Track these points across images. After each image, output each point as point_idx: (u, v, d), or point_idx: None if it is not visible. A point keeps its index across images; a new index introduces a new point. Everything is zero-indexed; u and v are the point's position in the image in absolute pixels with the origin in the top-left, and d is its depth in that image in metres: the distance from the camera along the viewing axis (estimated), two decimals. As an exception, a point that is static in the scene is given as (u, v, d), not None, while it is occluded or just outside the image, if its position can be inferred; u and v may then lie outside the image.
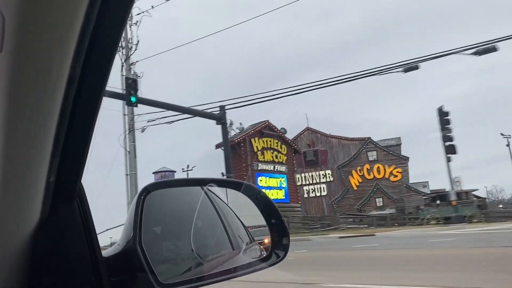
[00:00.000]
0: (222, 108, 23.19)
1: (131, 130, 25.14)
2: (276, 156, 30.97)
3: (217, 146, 30.65)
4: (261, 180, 29.56)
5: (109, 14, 0.55)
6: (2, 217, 0.62)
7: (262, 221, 1.15)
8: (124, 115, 25.35)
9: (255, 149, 29.70)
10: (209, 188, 1.21)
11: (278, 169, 30.91)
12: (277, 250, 1.12)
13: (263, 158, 30.07)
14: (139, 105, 25.51)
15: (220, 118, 23.19)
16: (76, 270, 0.74)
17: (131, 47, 24.85)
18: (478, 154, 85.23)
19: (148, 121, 24.88)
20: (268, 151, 30.52)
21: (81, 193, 0.78)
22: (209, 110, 23.87)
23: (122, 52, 24.60)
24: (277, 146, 31.19)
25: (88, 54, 0.56)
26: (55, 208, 0.73)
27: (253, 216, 1.18)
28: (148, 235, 0.89)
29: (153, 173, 44.23)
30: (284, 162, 31.46)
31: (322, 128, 45.26)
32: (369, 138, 43.60)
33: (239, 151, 29.81)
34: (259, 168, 29.72)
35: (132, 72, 24.43)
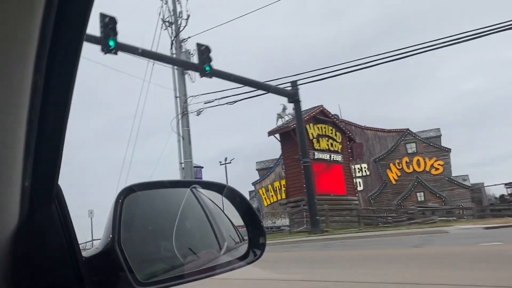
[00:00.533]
0: (294, 83, 20.20)
1: (185, 113, 21.98)
2: (332, 145, 28.16)
3: (270, 133, 27.71)
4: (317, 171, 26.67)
5: (66, 27, 0.57)
6: None
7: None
8: (176, 97, 22.17)
9: (311, 136, 26.82)
10: (199, 189, 1.24)
11: (334, 159, 28.09)
12: (254, 249, 1.17)
13: (319, 146, 27.22)
14: (192, 85, 22.54)
15: (293, 95, 20.24)
16: (56, 270, 0.76)
17: (181, 22, 21.65)
18: (494, 151, 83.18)
19: (205, 103, 21.77)
20: (323, 138, 27.68)
21: (59, 194, 0.79)
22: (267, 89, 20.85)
23: (172, 28, 21.41)
24: (331, 133, 28.39)
25: (49, 66, 0.59)
26: (33, 212, 0.73)
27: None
28: (132, 234, 0.91)
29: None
30: (339, 151, 28.67)
31: (354, 120, 42.45)
32: (408, 129, 41.22)
33: (294, 138, 26.88)
34: (315, 157, 26.81)
35: (183, 50, 21.29)
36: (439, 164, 39.88)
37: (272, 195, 37.90)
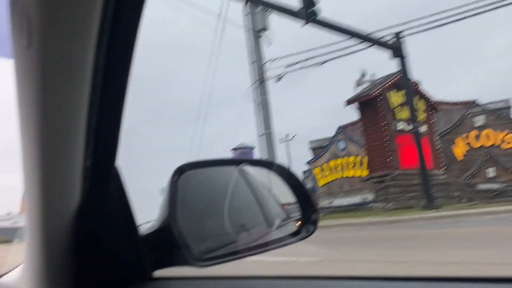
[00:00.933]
0: (398, 35, 17.33)
1: (262, 80, 19.35)
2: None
3: (349, 102, 24.91)
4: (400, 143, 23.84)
5: (126, 6, 0.59)
6: (45, 201, 0.69)
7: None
8: (252, 62, 19.53)
9: (392, 105, 23.93)
10: (247, 167, 1.26)
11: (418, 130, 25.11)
12: (307, 225, 1.18)
13: (401, 116, 24.28)
14: (270, 47, 19.88)
15: (398, 49, 17.34)
16: (117, 247, 0.80)
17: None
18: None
19: (286, 67, 19.08)
20: (405, 107, 24.71)
21: (117, 174, 0.82)
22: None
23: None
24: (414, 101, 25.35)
25: (109, 45, 0.60)
26: (94, 191, 0.77)
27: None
28: (185, 213, 0.94)
29: (231, 150, 38.72)
30: (422, 121, 25.66)
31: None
32: (475, 100, 37.78)
33: (376, 108, 24.06)
34: (398, 129, 23.95)
35: (256, 10, 18.55)
36: (511, 138, 36.53)
37: (327, 175, 35.24)
